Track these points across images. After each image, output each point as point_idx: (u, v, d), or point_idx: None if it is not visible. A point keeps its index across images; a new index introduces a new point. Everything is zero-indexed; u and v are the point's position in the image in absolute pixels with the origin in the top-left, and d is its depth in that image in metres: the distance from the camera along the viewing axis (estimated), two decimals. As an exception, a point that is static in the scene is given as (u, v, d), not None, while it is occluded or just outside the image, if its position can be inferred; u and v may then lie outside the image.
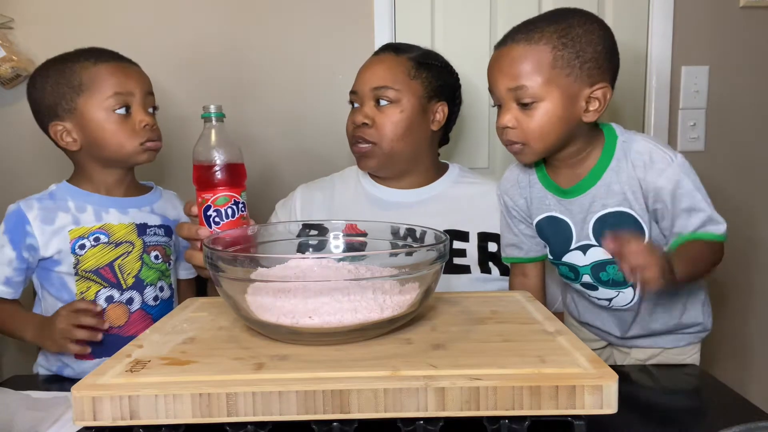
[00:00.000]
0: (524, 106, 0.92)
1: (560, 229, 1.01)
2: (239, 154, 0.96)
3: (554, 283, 1.20)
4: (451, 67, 1.27)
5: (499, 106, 0.95)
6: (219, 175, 0.93)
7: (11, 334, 1.09)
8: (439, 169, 1.26)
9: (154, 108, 1.11)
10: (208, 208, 0.93)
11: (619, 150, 0.95)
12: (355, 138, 1.19)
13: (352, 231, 0.92)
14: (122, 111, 1.05)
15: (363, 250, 0.90)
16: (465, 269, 1.14)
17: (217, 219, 0.94)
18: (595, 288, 1.04)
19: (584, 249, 1.00)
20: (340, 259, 0.78)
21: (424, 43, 1.34)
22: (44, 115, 1.07)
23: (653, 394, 0.90)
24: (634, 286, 1.00)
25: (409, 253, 0.76)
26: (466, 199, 1.22)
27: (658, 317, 1.04)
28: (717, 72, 1.59)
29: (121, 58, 1.10)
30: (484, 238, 1.17)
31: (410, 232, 0.87)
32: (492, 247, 1.17)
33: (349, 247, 0.90)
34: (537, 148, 0.95)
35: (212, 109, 0.95)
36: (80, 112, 1.05)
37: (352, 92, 1.21)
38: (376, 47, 1.32)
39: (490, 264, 1.16)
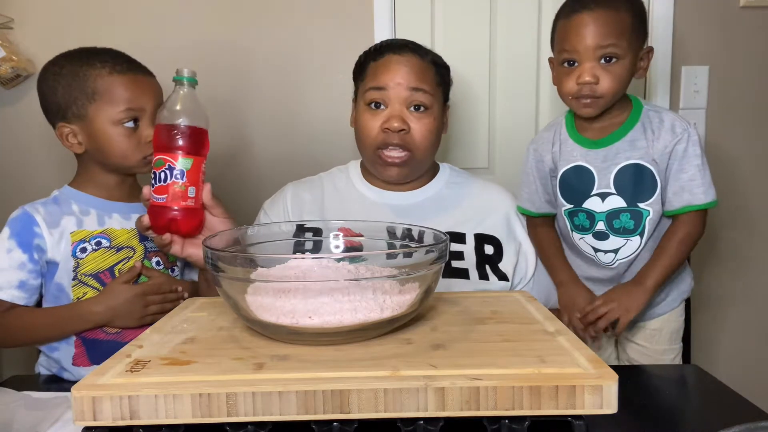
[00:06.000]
0: (608, 61, 1.04)
1: (584, 176, 1.14)
2: (195, 120, 0.94)
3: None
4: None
5: (571, 62, 1.06)
6: (159, 137, 0.94)
7: (59, 336, 1.05)
8: (433, 170, 1.25)
9: None
10: (150, 168, 0.95)
11: (645, 116, 1.11)
12: (386, 144, 1.11)
13: (347, 235, 0.91)
14: (131, 124, 1.05)
15: (361, 251, 0.89)
16: (463, 273, 1.13)
17: (152, 181, 0.94)
18: (606, 236, 1.15)
19: (603, 196, 1.13)
20: (339, 259, 0.78)
21: (424, 43, 1.33)
22: (53, 113, 1.07)
23: (653, 394, 0.90)
24: (642, 235, 1.13)
25: (409, 254, 0.76)
26: (461, 200, 1.21)
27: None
28: (717, 72, 1.60)
29: (137, 68, 1.09)
30: (481, 239, 1.17)
31: (407, 231, 0.87)
32: (488, 249, 1.16)
33: (348, 248, 0.90)
34: (608, 101, 1.08)
35: (185, 72, 0.94)
36: (90, 119, 1.05)
37: (380, 88, 1.11)
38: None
39: (487, 268, 1.15)
